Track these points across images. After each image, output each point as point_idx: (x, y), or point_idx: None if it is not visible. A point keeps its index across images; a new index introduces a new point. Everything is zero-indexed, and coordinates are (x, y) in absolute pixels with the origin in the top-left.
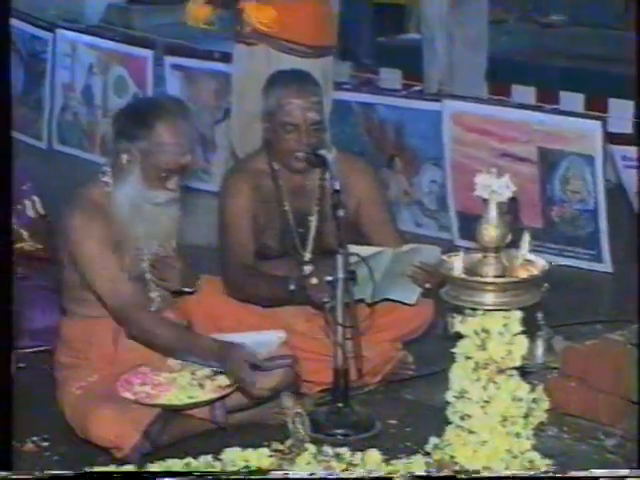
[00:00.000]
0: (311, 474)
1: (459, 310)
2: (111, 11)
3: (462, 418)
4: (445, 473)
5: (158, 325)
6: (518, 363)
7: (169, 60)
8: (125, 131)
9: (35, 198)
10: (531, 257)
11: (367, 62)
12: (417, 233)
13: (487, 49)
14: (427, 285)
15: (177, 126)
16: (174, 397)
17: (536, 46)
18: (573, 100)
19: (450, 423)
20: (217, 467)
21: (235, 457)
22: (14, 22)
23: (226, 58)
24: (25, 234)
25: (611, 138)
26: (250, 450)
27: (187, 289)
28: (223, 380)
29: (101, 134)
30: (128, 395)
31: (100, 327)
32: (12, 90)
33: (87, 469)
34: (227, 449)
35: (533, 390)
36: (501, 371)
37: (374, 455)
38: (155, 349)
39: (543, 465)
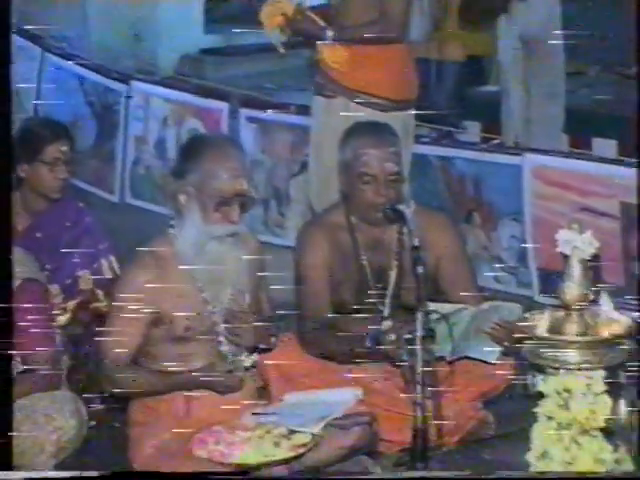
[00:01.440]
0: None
1: (540, 369)
2: (185, 62)
3: None
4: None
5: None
6: (602, 424)
7: (245, 112)
8: (177, 171)
9: (111, 258)
10: (614, 314)
11: (448, 115)
12: (496, 289)
13: (565, 101)
14: (507, 343)
15: (225, 152)
16: (249, 456)
17: (617, 98)
18: None
19: None
20: None
21: None
22: (88, 74)
23: (303, 110)
24: (101, 294)
25: None
26: None
27: (262, 345)
28: (299, 438)
29: None
30: (202, 454)
31: None
32: (83, 141)
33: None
34: None
35: (616, 450)
36: (584, 432)
37: None
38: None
39: None
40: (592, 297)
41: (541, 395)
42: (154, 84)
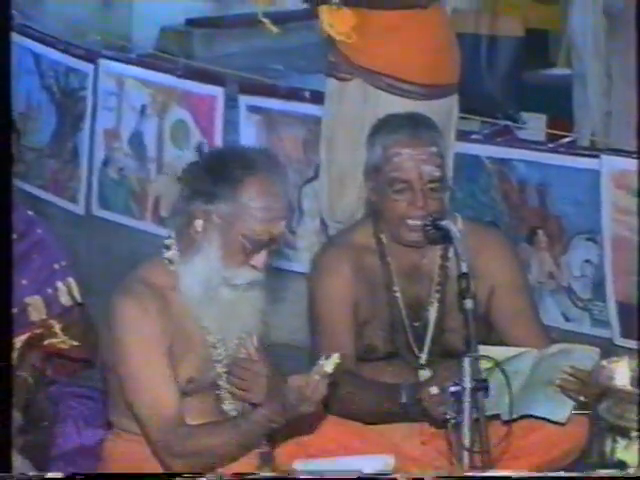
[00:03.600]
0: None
1: (622, 432)
2: (166, 36)
3: None
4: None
5: (203, 436)
6: None
7: (245, 100)
8: (202, 189)
9: (70, 280)
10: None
11: (504, 105)
12: (566, 329)
13: None
14: (581, 398)
15: (271, 184)
16: None
17: None
18: None
19: None
20: None
21: None
22: (44, 50)
23: (319, 98)
24: (57, 327)
25: None
26: None
27: None
28: None
29: (155, 195)
30: None
31: None
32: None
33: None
34: None
35: None
36: None
37: None
38: (214, 462)
39: None
40: None
41: (623, 465)
42: (128, 64)
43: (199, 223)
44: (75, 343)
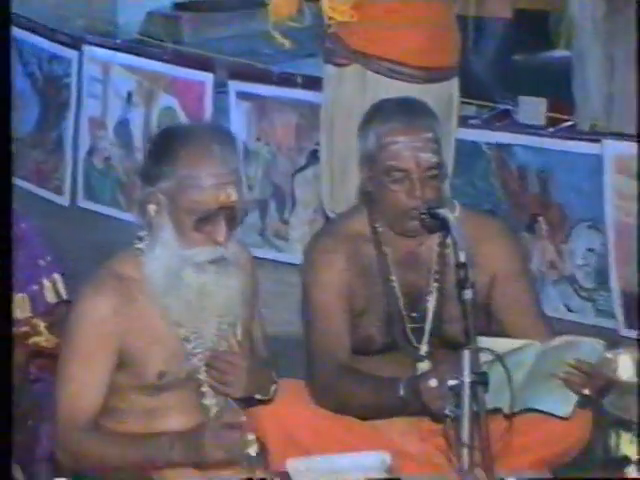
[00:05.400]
0: None
1: (627, 426)
2: (153, 20)
3: None
4: None
5: (102, 446)
6: None
7: (235, 86)
8: (147, 173)
9: (56, 277)
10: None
11: (502, 89)
12: (569, 320)
13: None
14: (585, 391)
15: (208, 149)
16: None
17: None
18: None
19: None
20: None
21: None
22: (27, 36)
23: (311, 83)
24: (42, 325)
25: None
26: None
27: (258, 396)
28: None
29: None
30: None
31: None
32: (21, 125)
33: None
34: None
35: None
36: None
37: None
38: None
39: None
40: None
41: (627, 460)
42: (114, 49)
43: (151, 208)
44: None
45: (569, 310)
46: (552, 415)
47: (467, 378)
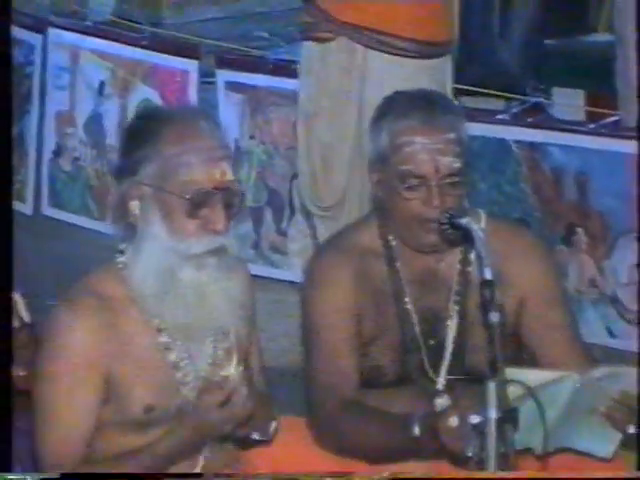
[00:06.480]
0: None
1: None
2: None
3: None
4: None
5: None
6: None
7: (223, 75)
8: (124, 166)
9: (17, 297)
10: None
11: (533, 79)
12: (611, 347)
13: None
14: (631, 429)
15: (193, 126)
16: None
17: None
18: None
19: None
20: None
21: None
22: None
23: None
24: None
25: None
26: None
27: (255, 436)
28: None
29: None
30: None
31: None
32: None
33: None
34: None
35: None
36: None
37: None
38: None
39: None
40: None
41: None
42: (84, 33)
43: (134, 205)
44: (21, 373)
45: (611, 335)
46: (591, 456)
47: (493, 415)
